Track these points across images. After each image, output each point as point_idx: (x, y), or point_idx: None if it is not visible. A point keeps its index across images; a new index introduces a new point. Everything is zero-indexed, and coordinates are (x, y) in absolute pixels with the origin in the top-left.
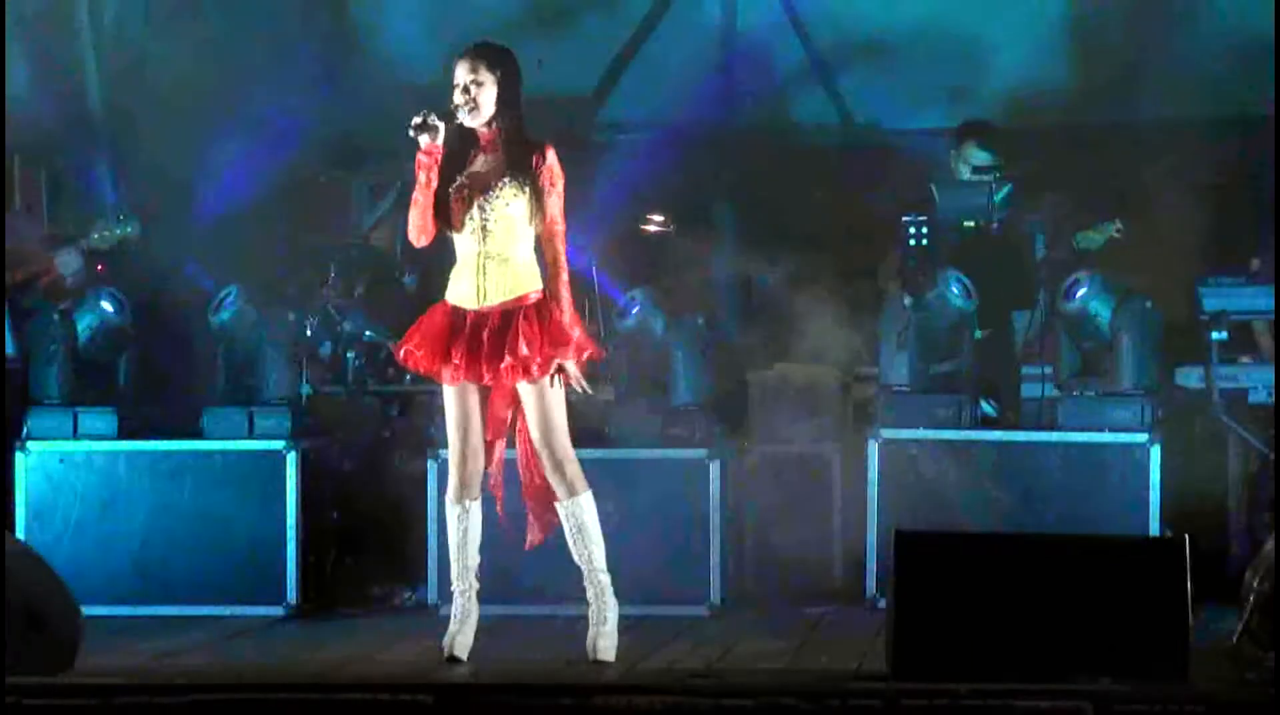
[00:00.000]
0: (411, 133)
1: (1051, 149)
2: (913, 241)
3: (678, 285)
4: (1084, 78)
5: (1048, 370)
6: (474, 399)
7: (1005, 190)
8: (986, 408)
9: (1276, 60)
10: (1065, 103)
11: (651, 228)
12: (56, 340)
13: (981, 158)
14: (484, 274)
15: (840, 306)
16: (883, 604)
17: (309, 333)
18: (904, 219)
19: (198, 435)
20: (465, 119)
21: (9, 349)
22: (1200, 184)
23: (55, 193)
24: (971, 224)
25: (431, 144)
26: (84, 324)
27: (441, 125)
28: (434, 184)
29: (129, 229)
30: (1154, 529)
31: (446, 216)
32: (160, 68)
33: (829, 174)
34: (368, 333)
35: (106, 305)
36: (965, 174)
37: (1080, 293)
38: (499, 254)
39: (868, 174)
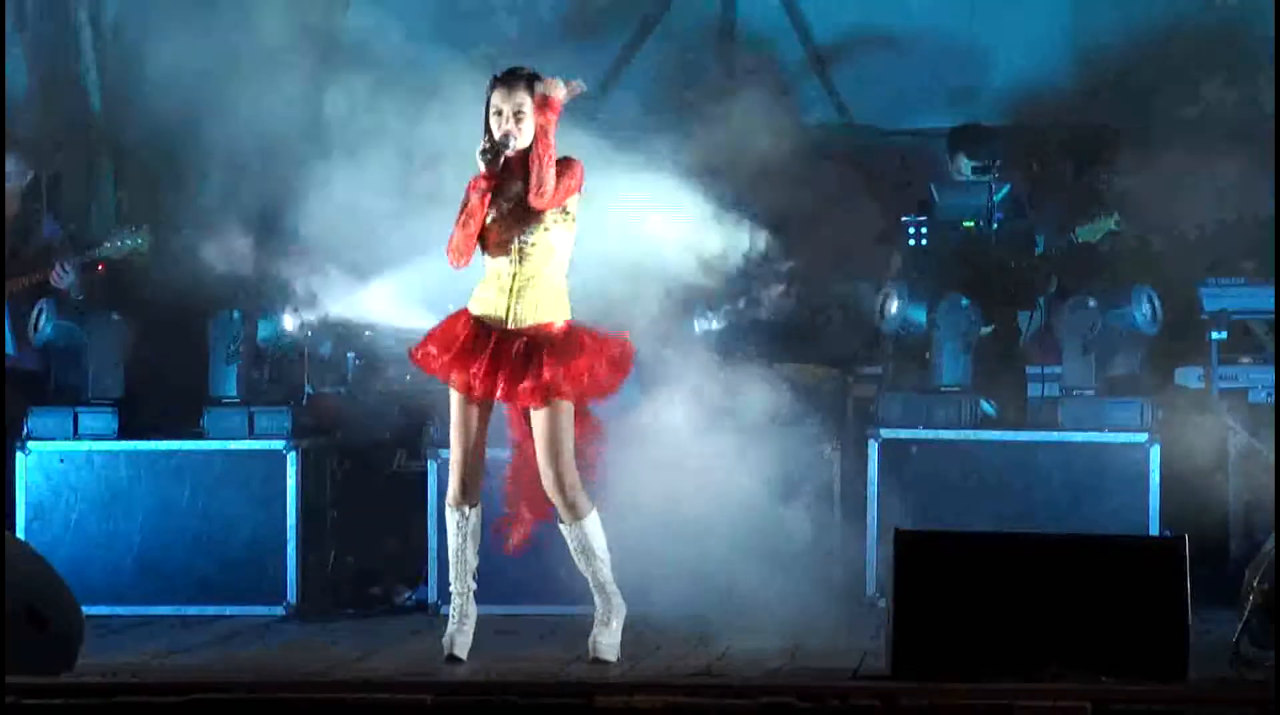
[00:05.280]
0: (479, 158)
1: (1051, 149)
2: (912, 242)
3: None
4: (1084, 78)
5: (1048, 370)
6: (479, 409)
7: (1005, 190)
8: (986, 408)
9: (1277, 60)
10: (1065, 103)
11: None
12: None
13: (972, 167)
14: (517, 296)
15: (841, 306)
16: (883, 604)
17: (309, 333)
18: (904, 219)
19: (198, 435)
20: (511, 146)
21: (8, 349)
22: (1200, 183)
23: (55, 194)
24: (971, 224)
25: (491, 169)
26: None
27: (504, 153)
28: (486, 208)
29: (139, 241)
30: (1154, 529)
31: (483, 238)
32: (160, 67)
33: (828, 173)
34: (368, 333)
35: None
36: (964, 176)
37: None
38: (534, 278)
39: (868, 174)
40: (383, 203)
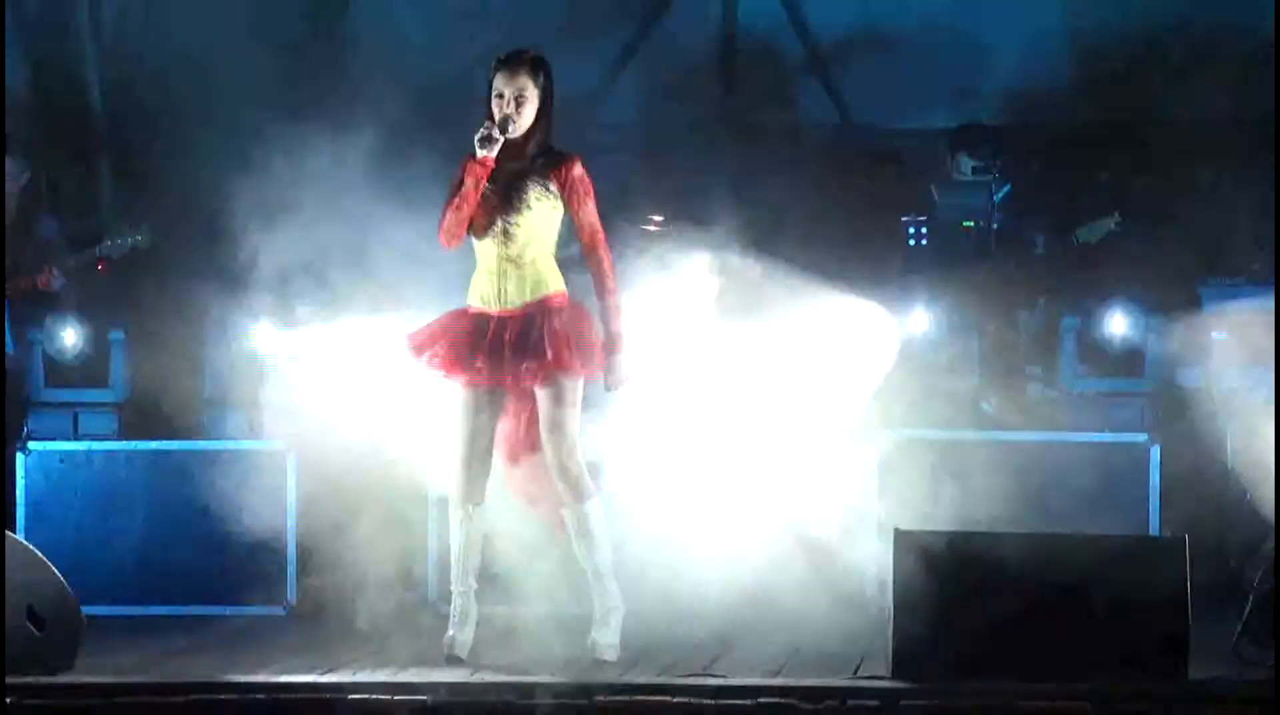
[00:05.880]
0: (477, 145)
1: (1051, 148)
2: (912, 242)
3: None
4: (1084, 77)
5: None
6: (486, 404)
7: (1005, 190)
8: (986, 408)
9: (1277, 60)
10: (1065, 102)
11: (650, 228)
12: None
13: (973, 167)
14: (505, 277)
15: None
16: (883, 604)
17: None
18: (904, 219)
19: (198, 435)
20: (511, 130)
21: (9, 348)
22: (1200, 183)
23: (54, 193)
24: (971, 224)
25: (488, 157)
26: None
27: (502, 139)
28: (480, 192)
29: (139, 238)
30: (1154, 529)
31: (470, 221)
32: (160, 66)
33: (829, 173)
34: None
35: None
36: (964, 175)
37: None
38: (519, 257)
39: (868, 174)
40: (378, 203)
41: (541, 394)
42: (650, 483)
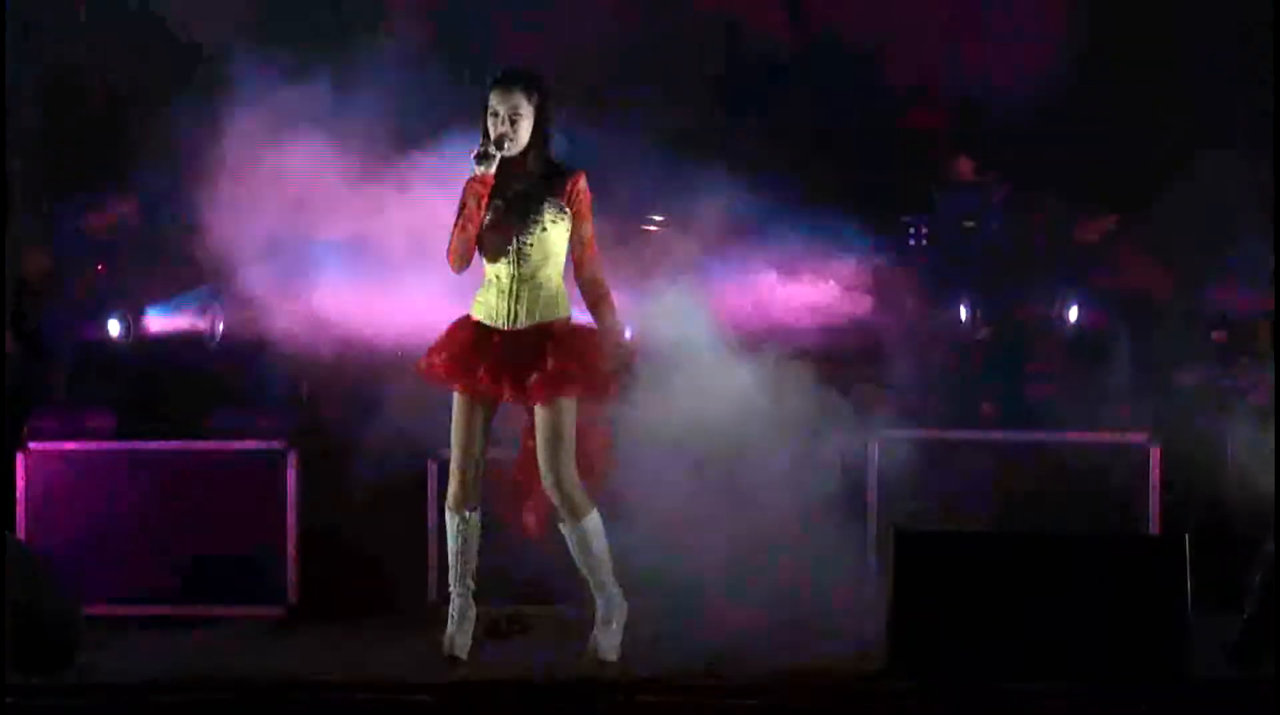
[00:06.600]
0: (473, 163)
1: (1051, 147)
2: (913, 242)
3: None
4: (1086, 76)
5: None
6: (482, 412)
7: (1006, 190)
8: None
9: (1276, 59)
10: (1064, 100)
11: (651, 227)
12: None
13: (973, 167)
14: (516, 298)
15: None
16: (882, 603)
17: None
18: (904, 219)
19: (198, 435)
20: (506, 148)
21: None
22: (1201, 182)
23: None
24: (971, 224)
25: (486, 173)
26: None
27: (499, 155)
28: (483, 211)
29: None
30: (1154, 529)
31: (480, 241)
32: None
33: (829, 172)
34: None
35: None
36: (964, 176)
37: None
38: (533, 277)
39: (868, 173)
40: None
41: (540, 412)
42: (652, 482)
